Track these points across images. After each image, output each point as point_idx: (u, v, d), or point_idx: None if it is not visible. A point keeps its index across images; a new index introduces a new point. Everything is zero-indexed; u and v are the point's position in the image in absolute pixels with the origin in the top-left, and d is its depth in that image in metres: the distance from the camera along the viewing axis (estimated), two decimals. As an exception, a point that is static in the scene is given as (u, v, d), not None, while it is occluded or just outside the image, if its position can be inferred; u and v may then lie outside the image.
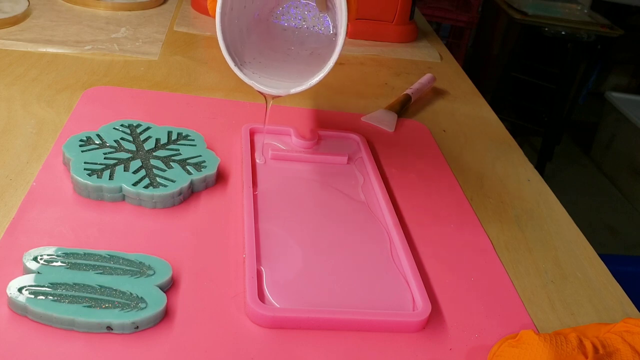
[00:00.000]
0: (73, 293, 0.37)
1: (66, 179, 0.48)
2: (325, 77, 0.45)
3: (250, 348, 0.37)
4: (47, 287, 0.37)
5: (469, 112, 0.77)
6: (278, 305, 0.40)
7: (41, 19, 0.79)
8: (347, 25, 0.44)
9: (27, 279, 0.37)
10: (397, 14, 0.93)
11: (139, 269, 0.39)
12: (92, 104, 0.60)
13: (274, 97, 0.49)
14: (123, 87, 0.65)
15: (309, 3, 0.53)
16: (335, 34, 0.52)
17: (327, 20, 0.53)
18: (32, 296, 0.36)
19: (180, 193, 0.47)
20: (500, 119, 0.77)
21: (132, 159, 0.49)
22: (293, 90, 0.46)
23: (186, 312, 0.38)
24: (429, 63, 0.90)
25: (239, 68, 0.46)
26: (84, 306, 0.36)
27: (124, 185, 0.46)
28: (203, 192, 0.50)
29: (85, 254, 0.40)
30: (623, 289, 0.50)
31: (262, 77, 0.48)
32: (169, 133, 0.54)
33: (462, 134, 0.70)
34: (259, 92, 0.47)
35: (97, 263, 0.39)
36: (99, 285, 0.37)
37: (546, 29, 2.17)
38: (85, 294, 0.37)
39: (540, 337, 0.37)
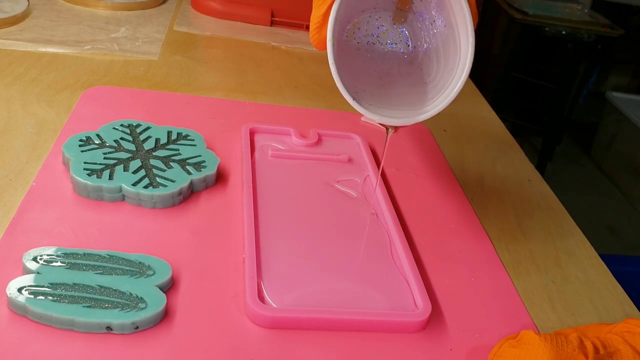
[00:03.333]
0: (73, 293, 0.37)
1: (66, 179, 0.48)
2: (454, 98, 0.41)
3: (250, 348, 0.37)
4: (47, 287, 0.37)
5: (469, 112, 0.77)
6: (278, 306, 0.40)
7: (41, 18, 0.79)
8: (474, 33, 0.40)
9: (27, 279, 0.37)
10: (397, 13, 0.93)
11: (138, 269, 0.39)
12: (92, 104, 0.60)
13: (396, 127, 0.44)
14: (123, 87, 0.65)
15: (381, 17, 0.47)
16: (414, 47, 0.47)
17: (405, 32, 0.48)
18: (32, 296, 0.36)
19: (180, 193, 0.47)
20: (501, 119, 0.77)
21: (132, 159, 0.49)
22: (421, 118, 0.41)
23: (186, 312, 0.38)
24: (429, 63, 0.90)
25: (358, 103, 0.41)
26: (84, 306, 0.36)
27: (124, 185, 0.46)
28: (203, 192, 0.50)
29: (84, 254, 0.40)
30: (623, 289, 0.50)
31: (378, 108, 0.43)
32: (169, 133, 0.54)
33: (462, 134, 0.70)
34: (381, 124, 0.43)
35: (97, 263, 0.39)
36: (99, 286, 0.37)
37: (546, 29, 2.17)
38: (85, 294, 0.37)
39: (540, 337, 0.37)
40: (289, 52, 0.85)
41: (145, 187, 0.46)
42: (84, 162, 0.48)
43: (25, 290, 0.36)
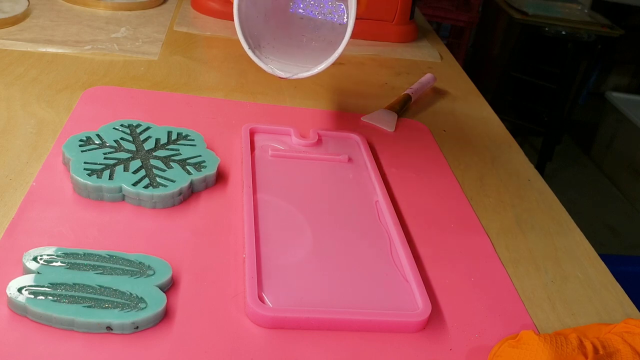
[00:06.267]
0: (73, 293, 0.37)
1: (66, 179, 0.48)
2: (330, 65, 0.46)
3: (250, 348, 0.37)
4: (47, 287, 0.37)
5: (469, 112, 0.77)
6: (278, 306, 0.40)
7: (41, 18, 0.79)
8: (356, 13, 0.45)
9: (27, 279, 0.37)
10: (397, 13, 0.93)
11: (138, 269, 0.39)
12: (92, 104, 0.60)
13: (281, 78, 0.50)
14: (123, 87, 0.65)
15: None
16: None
17: (342, 9, 0.53)
18: (32, 296, 0.36)
19: (180, 193, 0.47)
20: (500, 119, 0.77)
21: (132, 159, 0.49)
22: (300, 75, 0.47)
23: (186, 312, 0.38)
24: (429, 63, 0.90)
25: (251, 50, 0.47)
26: (84, 306, 0.36)
27: (124, 185, 0.46)
28: (203, 192, 0.50)
29: (85, 254, 0.40)
30: (623, 289, 0.50)
31: (275, 61, 0.49)
32: (169, 133, 0.54)
33: (462, 134, 0.70)
34: (272, 73, 0.48)
35: (97, 263, 0.39)
36: (99, 286, 0.37)
37: (546, 29, 2.17)
38: (85, 294, 0.37)
39: (540, 338, 0.37)
40: (289, 52, 0.85)
41: (145, 187, 0.46)
42: (84, 162, 0.48)
43: (26, 290, 0.36)
